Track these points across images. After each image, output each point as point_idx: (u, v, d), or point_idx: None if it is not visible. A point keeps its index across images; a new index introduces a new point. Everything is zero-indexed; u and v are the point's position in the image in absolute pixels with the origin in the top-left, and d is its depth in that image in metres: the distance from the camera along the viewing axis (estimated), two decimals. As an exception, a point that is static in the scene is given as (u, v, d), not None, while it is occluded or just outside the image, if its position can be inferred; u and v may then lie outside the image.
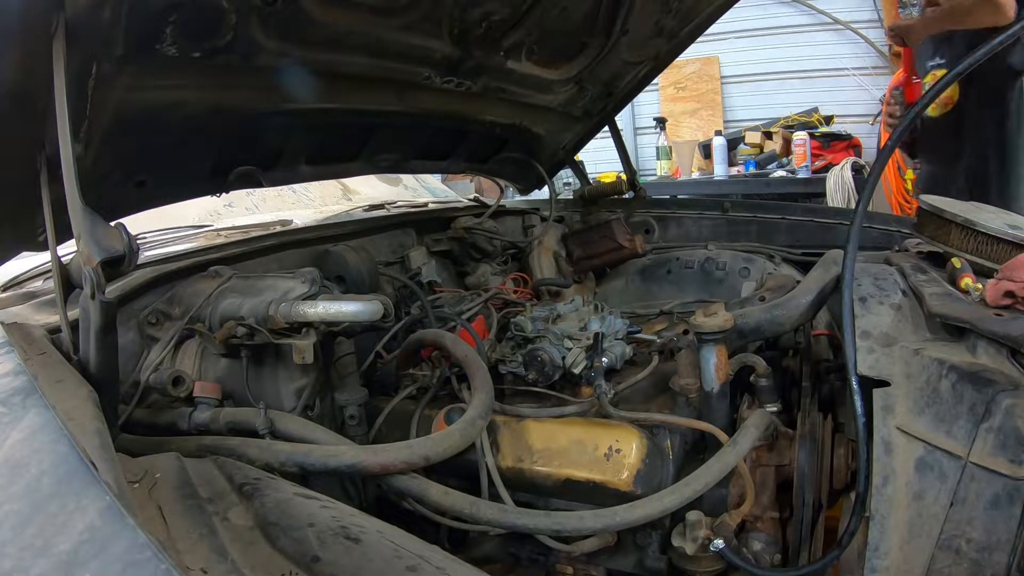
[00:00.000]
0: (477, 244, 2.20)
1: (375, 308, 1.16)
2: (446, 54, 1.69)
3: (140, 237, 1.85)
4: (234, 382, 1.28)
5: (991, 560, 0.93)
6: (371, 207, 2.66)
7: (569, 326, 1.51)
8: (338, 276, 1.65)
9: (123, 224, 0.98)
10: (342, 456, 1.05)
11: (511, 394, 1.48)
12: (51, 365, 0.92)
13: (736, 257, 2.25)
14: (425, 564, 0.73)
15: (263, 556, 0.72)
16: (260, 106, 1.50)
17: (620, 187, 2.50)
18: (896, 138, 1.15)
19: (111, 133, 1.21)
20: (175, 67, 1.22)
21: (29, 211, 1.17)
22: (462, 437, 1.14)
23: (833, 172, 4.75)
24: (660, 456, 1.27)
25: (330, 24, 1.38)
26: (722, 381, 1.30)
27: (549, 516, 1.11)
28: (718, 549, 1.15)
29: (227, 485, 0.85)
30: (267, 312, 1.17)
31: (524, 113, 2.25)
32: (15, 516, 0.63)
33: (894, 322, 1.17)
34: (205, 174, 1.59)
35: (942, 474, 0.98)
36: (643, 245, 2.28)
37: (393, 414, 1.45)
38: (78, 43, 0.96)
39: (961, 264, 1.29)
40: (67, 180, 0.94)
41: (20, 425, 0.74)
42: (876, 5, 5.67)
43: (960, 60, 1.17)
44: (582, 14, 1.92)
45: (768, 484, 1.29)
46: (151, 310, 1.32)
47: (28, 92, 0.99)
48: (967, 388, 0.98)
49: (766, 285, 1.73)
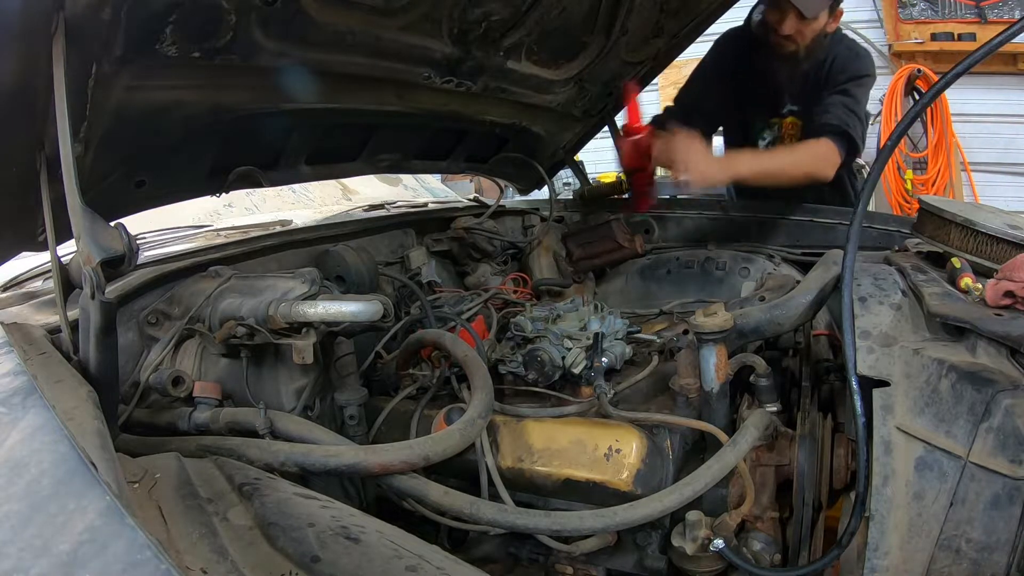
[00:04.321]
0: (477, 244, 2.20)
1: (375, 308, 1.16)
2: (446, 54, 1.69)
3: (140, 237, 1.85)
4: (234, 382, 1.28)
5: (991, 560, 0.93)
6: (371, 207, 2.66)
7: (569, 326, 1.51)
8: (338, 276, 1.65)
9: (123, 224, 0.98)
10: (342, 456, 1.05)
11: (511, 394, 1.48)
12: (51, 365, 0.92)
13: (736, 257, 2.25)
14: (425, 564, 0.73)
15: (263, 556, 0.72)
16: (260, 106, 1.50)
17: (620, 187, 2.50)
18: (896, 138, 1.15)
19: (111, 133, 1.21)
20: (175, 67, 1.22)
21: (29, 211, 1.17)
22: (462, 437, 1.14)
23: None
24: (660, 456, 1.27)
25: (330, 24, 1.38)
26: (722, 381, 1.30)
27: (549, 516, 1.11)
28: (718, 549, 1.15)
29: (227, 485, 0.85)
30: (267, 312, 1.17)
31: (524, 113, 2.25)
32: (15, 516, 0.63)
33: (894, 322, 1.17)
34: (205, 174, 1.59)
35: (942, 474, 0.98)
36: (643, 245, 2.28)
37: (393, 414, 1.45)
38: (78, 43, 0.96)
39: (961, 264, 1.29)
40: (67, 180, 0.94)
41: (20, 425, 0.74)
42: (876, 5, 5.69)
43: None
44: (582, 14, 1.92)
45: (768, 484, 1.29)
46: (151, 310, 1.32)
47: (28, 92, 0.99)
48: (967, 388, 0.98)
49: (766, 285, 1.73)
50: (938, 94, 1.13)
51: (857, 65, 2.19)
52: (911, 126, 1.20)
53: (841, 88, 2.13)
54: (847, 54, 2.22)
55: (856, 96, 2.12)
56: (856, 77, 2.16)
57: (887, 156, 1.16)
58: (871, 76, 2.22)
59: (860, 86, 2.15)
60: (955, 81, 1.05)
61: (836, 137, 2.05)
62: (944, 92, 1.16)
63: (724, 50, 2.43)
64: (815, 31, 2.14)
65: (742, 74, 2.37)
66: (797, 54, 2.19)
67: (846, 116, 2.06)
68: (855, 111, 2.09)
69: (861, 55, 2.24)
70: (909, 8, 5.67)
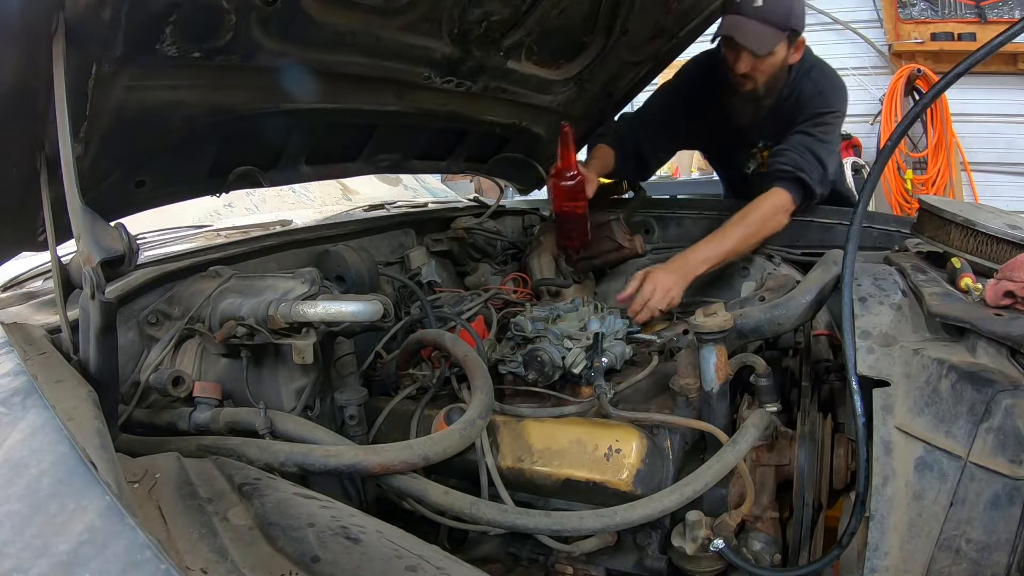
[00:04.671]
0: (477, 244, 2.20)
1: (375, 308, 1.16)
2: (446, 54, 1.69)
3: (140, 237, 1.85)
4: (234, 382, 1.28)
5: (991, 560, 0.93)
6: (371, 207, 2.66)
7: (569, 326, 1.51)
8: (338, 276, 1.65)
9: (123, 224, 0.98)
10: (342, 456, 1.05)
11: (511, 394, 1.48)
12: (51, 365, 0.92)
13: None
14: (425, 564, 0.73)
15: (263, 556, 0.72)
16: (260, 106, 1.50)
17: (620, 187, 2.50)
18: (896, 138, 1.15)
19: (111, 133, 1.21)
20: (175, 67, 1.22)
21: (29, 211, 1.17)
22: (462, 437, 1.13)
23: (833, 172, 4.75)
24: (660, 456, 1.27)
25: (330, 24, 1.38)
26: (722, 381, 1.30)
27: (549, 516, 1.11)
28: (718, 549, 1.15)
29: (227, 485, 0.85)
30: (267, 312, 1.17)
31: (524, 113, 2.25)
32: (15, 516, 0.63)
33: (894, 322, 1.17)
34: (205, 174, 1.59)
35: (942, 474, 0.98)
36: (643, 245, 2.28)
37: (393, 414, 1.45)
38: (78, 43, 0.96)
39: (961, 264, 1.29)
40: (67, 180, 0.93)
41: (20, 425, 0.74)
42: (876, 5, 5.68)
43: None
44: (582, 14, 1.92)
45: (768, 484, 1.29)
46: (151, 310, 1.32)
47: (28, 92, 0.99)
48: (967, 388, 0.98)
49: (766, 285, 1.74)
50: (938, 94, 1.13)
51: (819, 102, 2.06)
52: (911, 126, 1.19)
53: (800, 128, 2.03)
54: (811, 89, 2.08)
55: (816, 135, 2.00)
56: (817, 115, 2.04)
57: (887, 156, 1.17)
58: (836, 112, 2.08)
59: (822, 124, 2.03)
60: (955, 81, 1.05)
61: (787, 184, 1.97)
62: (944, 92, 1.16)
63: (692, 77, 2.36)
64: (773, 67, 2.04)
65: (709, 108, 2.29)
66: (757, 91, 2.09)
67: (800, 159, 1.96)
68: (813, 151, 1.98)
69: (825, 91, 2.09)
70: (909, 8, 5.67)
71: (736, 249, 1.96)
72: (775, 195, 1.98)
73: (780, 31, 1.96)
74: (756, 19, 1.94)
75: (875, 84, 5.67)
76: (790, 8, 1.98)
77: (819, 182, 1.99)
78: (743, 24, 1.96)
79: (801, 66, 2.11)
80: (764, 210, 1.98)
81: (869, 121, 5.75)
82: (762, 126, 2.20)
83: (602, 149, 2.32)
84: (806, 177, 1.96)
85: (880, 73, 5.71)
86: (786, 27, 1.97)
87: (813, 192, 1.99)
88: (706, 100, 2.29)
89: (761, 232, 1.99)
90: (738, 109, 2.20)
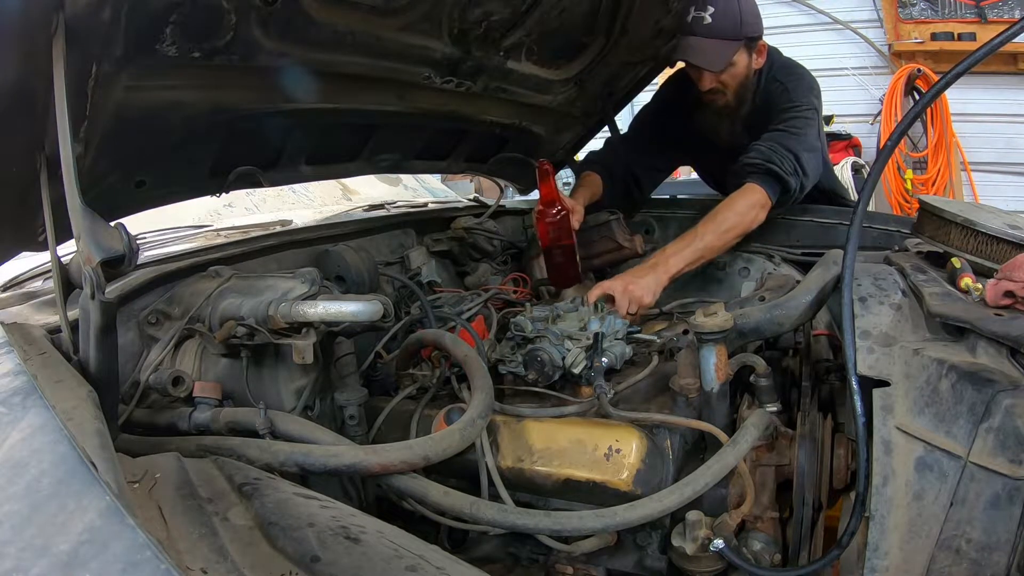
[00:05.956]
0: (477, 244, 2.20)
1: (375, 308, 1.16)
2: (446, 54, 1.69)
3: (140, 237, 1.86)
4: (234, 382, 1.28)
5: (991, 560, 0.93)
6: (371, 207, 2.67)
7: (569, 326, 1.51)
8: (338, 276, 1.65)
9: (123, 224, 0.98)
10: (342, 456, 1.05)
11: (511, 394, 1.48)
12: (51, 365, 0.92)
13: (736, 257, 2.25)
14: (425, 564, 0.73)
15: (263, 556, 0.72)
16: (260, 106, 1.50)
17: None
18: (896, 138, 1.15)
19: (111, 133, 1.21)
20: (175, 67, 1.22)
21: (29, 211, 1.17)
22: (462, 437, 1.13)
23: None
24: (660, 456, 1.27)
25: (330, 24, 1.38)
26: (722, 381, 1.30)
27: (549, 516, 1.11)
28: (718, 549, 1.15)
29: (227, 485, 0.85)
30: (267, 312, 1.17)
31: (524, 113, 2.25)
32: (15, 516, 0.63)
33: (894, 322, 1.17)
34: (205, 174, 1.59)
35: (942, 474, 0.98)
36: (643, 245, 2.28)
37: (393, 414, 1.45)
38: (78, 43, 0.96)
39: (961, 264, 1.29)
40: (67, 180, 0.93)
41: (20, 425, 0.74)
42: (876, 5, 5.69)
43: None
44: (582, 14, 1.92)
45: (768, 484, 1.29)
46: (151, 310, 1.32)
47: (28, 92, 0.99)
48: (967, 388, 0.98)
49: (766, 285, 1.73)
50: (938, 94, 1.13)
51: (785, 99, 2.05)
52: (911, 126, 1.19)
53: (774, 126, 2.02)
54: (777, 89, 2.09)
55: (785, 129, 1.99)
56: (784, 110, 2.03)
57: (887, 156, 1.17)
58: (801, 105, 2.04)
59: (791, 118, 2.01)
60: (955, 81, 1.05)
61: (758, 178, 1.94)
62: (944, 92, 1.16)
63: (666, 99, 2.38)
64: (738, 77, 2.05)
65: (687, 127, 2.30)
66: (729, 104, 2.11)
67: (769, 151, 1.93)
68: (782, 143, 1.95)
69: (789, 88, 2.08)
70: (909, 8, 5.67)
71: (711, 246, 1.92)
72: (747, 190, 1.96)
73: (734, 41, 1.98)
74: (707, 36, 1.96)
75: (875, 84, 5.68)
76: (738, 18, 1.98)
77: (792, 172, 1.94)
78: (695, 44, 1.98)
79: (769, 69, 2.12)
80: (737, 206, 1.95)
81: (869, 121, 5.76)
82: (741, 137, 2.18)
83: (589, 176, 2.32)
84: (776, 168, 1.92)
85: (880, 73, 5.72)
86: (739, 36, 1.98)
87: (787, 183, 1.94)
88: (682, 120, 2.30)
89: (736, 229, 1.94)
90: (715, 124, 2.21)
